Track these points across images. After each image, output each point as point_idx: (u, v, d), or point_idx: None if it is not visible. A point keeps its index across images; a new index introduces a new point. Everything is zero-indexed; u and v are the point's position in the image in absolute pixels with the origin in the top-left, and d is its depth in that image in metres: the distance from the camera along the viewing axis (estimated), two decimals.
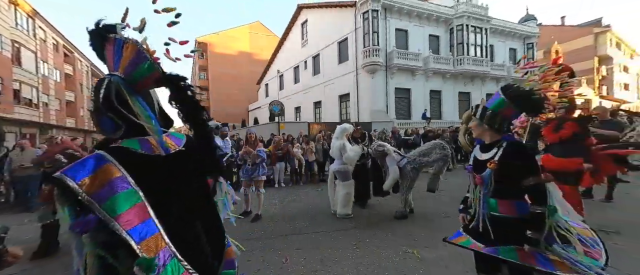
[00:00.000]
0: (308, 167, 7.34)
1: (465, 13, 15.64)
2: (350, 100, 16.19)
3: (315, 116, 19.82)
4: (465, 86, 16.63)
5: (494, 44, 17.74)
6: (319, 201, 4.94)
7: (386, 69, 14.61)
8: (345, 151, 3.78)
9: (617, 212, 3.57)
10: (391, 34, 14.84)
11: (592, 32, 26.82)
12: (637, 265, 2.22)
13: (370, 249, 2.75)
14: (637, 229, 2.96)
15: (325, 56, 18.20)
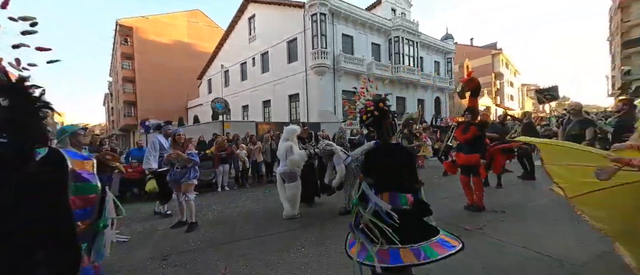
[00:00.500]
0: (255, 168, 7.04)
1: (401, 26, 17.63)
2: (299, 100, 16.28)
3: (265, 115, 19.20)
4: (401, 92, 18.73)
5: (423, 56, 20.51)
6: (265, 203, 4.78)
7: (334, 71, 15.24)
8: (291, 153, 3.77)
9: (505, 196, 4.57)
10: (338, 39, 15.55)
11: (490, 53, 33.88)
12: (516, 234, 2.88)
13: (316, 247, 2.80)
14: (517, 207, 3.85)
15: (275, 54, 17.83)
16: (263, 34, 18.63)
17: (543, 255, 2.39)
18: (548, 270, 2.16)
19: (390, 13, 19.15)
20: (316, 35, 14.45)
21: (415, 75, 18.60)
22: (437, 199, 4.56)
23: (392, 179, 1.58)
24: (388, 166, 1.60)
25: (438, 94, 21.78)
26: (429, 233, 1.47)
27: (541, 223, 3.18)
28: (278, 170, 4.01)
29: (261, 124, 12.93)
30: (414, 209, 1.51)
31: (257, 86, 19.39)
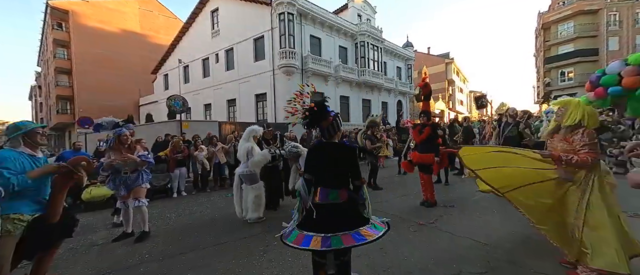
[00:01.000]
0: (217, 171, 6.63)
1: (366, 32, 18.40)
2: (267, 100, 15.86)
3: (229, 115, 18.27)
4: (367, 94, 19.53)
5: (387, 61, 21.71)
6: (228, 209, 4.53)
7: (302, 72, 15.21)
8: (252, 155, 3.63)
9: (452, 192, 5.07)
10: (306, 40, 15.58)
11: (444, 62, 37.38)
12: (462, 226, 3.20)
13: (279, 251, 2.73)
14: (463, 201, 4.29)
15: (241, 51, 17.09)
16: (227, 30, 17.72)
17: (483, 243, 2.70)
18: (486, 256, 2.44)
19: (357, 18, 19.86)
20: (284, 35, 14.26)
21: (379, 79, 19.56)
22: (396, 197, 4.85)
23: (326, 176, 1.74)
24: (324, 164, 1.76)
25: (400, 97, 23.25)
26: (356, 224, 1.63)
27: (482, 215, 3.59)
28: (237, 171, 3.84)
29: (225, 124, 12.25)
30: (345, 204, 1.67)
31: (221, 84, 18.36)
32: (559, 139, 2.07)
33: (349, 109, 18.33)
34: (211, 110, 19.50)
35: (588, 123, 1.93)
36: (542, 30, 28.03)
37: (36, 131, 1.94)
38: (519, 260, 2.32)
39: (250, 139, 3.77)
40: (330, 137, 1.81)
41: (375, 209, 3.98)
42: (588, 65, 24.68)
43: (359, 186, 1.78)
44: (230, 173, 6.96)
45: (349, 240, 1.53)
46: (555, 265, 2.18)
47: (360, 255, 2.54)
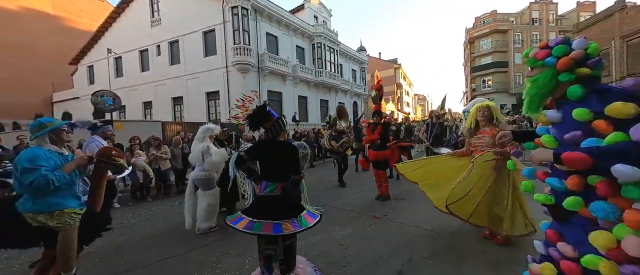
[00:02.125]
0: (161, 177, 5.85)
1: (322, 34, 18.80)
2: (220, 99, 14.79)
3: (175, 114, 16.44)
4: (325, 95, 19.97)
5: (343, 63, 22.58)
6: (174, 219, 4.03)
7: (258, 70, 14.65)
8: (208, 155, 3.31)
9: (402, 185, 5.50)
10: (262, 37, 15.07)
11: (393, 67, 40.77)
12: (411, 216, 3.51)
13: (236, 260, 2.55)
14: (412, 194, 4.69)
15: (188, 44, 15.54)
16: (171, 20, 15.90)
17: (428, 230, 3.00)
18: (431, 241, 2.72)
19: (313, 20, 20.11)
20: (237, 30, 13.50)
21: (336, 80, 20.20)
22: (353, 193, 5.05)
23: (268, 170, 1.95)
24: (267, 159, 1.97)
25: (355, 98, 24.44)
26: (291, 214, 1.85)
27: (427, 205, 3.96)
28: (191, 176, 3.45)
29: (170, 124, 10.97)
30: (281, 195, 1.87)
31: (165, 79, 16.38)
32: (487, 134, 2.48)
33: (308, 109, 18.44)
34: (152, 109, 17.23)
35: (501, 121, 2.51)
36: (469, 44, 33.06)
37: (62, 128, 1.95)
38: (458, 242, 2.66)
39: (206, 138, 3.43)
40: (273, 136, 2.00)
41: (335, 207, 4.10)
42: (501, 75, 30.27)
43: (298, 180, 1.97)
44: (177, 179, 6.25)
45: (268, 229, 1.74)
46: (481, 240, 2.59)
47: (320, 254, 2.55)
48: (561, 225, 1.18)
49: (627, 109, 0.91)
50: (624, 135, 0.90)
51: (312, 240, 2.85)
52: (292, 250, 1.91)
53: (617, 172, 0.87)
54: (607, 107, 0.95)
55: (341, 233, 3.06)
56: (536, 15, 30.32)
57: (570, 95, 1.08)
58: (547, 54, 1.14)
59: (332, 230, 3.13)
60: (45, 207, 1.73)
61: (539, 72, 1.17)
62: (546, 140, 1.18)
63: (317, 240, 2.87)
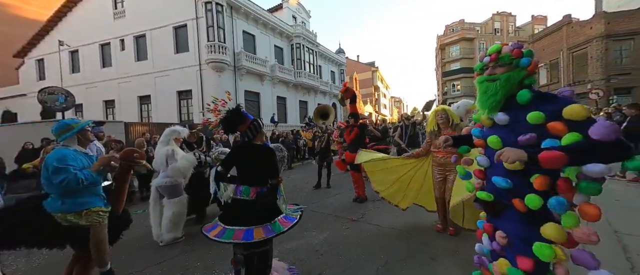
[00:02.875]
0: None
1: (301, 34, 18.68)
2: (193, 98, 13.99)
3: (142, 114, 15.26)
4: (304, 96, 19.85)
5: (322, 65, 22.64)
6: (138, 229, 3.66)
7: (235, 69, 14.12)
8: (173, 160, 3.04)
9: None
10: (239, 35, 14.56)
11: (370, 70, 41.86)
12: (386, 218, 3.54)
13: (204, 273, 2.35)
14: None
15: (156, 40, 14.50)
16: (137, 12, 14.74)
17: (403, 231, 3.05)
18: (406, 242, 2.75)
19: (292, 20, 19.92)
20: (212, 26, 12.89)
21: (315, 81, 20.19)
22: (331, 195, 5.01)
23: (244, 174, 1.92)
24: (244, 163, 1.93)
25: (335, 100, 24.64)
26: (264, 219, 1.79)
27: None
28: (155, 183, 3.14)
29: (135, 125, 10.11)
30: (255, 200, 1.83)
31: (130, 77, 15.13)
32: (448, 134, 2.59)
33: (287, 110, 18.19)
34: (115, 108, 15.82)
35: (458, 123, 2.73)
36: (440, 50, 35.07)
37: (86, 129, 1.97)
38: (431, 242, 2.72)
39: (171, 141, 3.14)
40: (250, 139, 1.95)
41: (313, 210, 4.02)
42: (468, 80, 32.50)
43: (276, 185, 1.93)
44: (141, 185, 5.74)
45: (238, 236, 1.69)
46: (453, 239, 2.69)
47: (295, 261, 2.45)
48: (495, 219, 1.26)
49: (584, 111, 0.98)
50: (579, 136, 0.96)
51: (288, 247, 2.74)
52: (266, 257, 1.84)
53: (590, 170, 0.93)
54: (565, 110, 1.00)
55: (318, 238, 2.99)
56: (498, 25, 33.10)
57: (520, 99, 1.12)
58: (521, 54, 1.15)
59: (308, 236, 3.05)
60: (74, 206, 1.77)
61: (506, 70, 1.16)
62: (494, 141, 1.20)
63: (293, 247, 2.77)
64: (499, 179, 1.17)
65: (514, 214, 1.16)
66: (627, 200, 3.77)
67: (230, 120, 1.95)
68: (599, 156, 0.92)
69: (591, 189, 0.99)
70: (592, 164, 0.92)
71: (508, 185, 1.14)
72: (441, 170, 2.77)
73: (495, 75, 1.18)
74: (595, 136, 0.91)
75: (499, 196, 1.21)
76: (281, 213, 1.90)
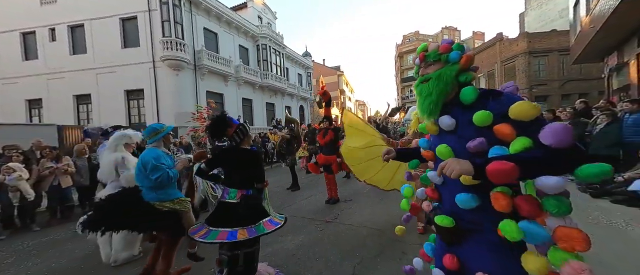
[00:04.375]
0: (59, 197, 4.49)
1: (267, 35, 18.33)
2: (144, 98, 12.60)
3: (79, 116, 13.20)
4: (270, 98, 19.45)
5: (289, 67, 22.51)
6: (78, 250, 3.15)
7: (195, 68, 13.16)
8: (124, 169, 2.69)
9: (350, 186, 5.81)
10: (199, 32, 13.64)
11: (336, 74, 43.04)
12: (359, 217, 3.68)
13: None
14: (358, 195, 4.98)
15: (99, 32, 12.73)
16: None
17: (375, 229, 3.21)
18: (379, 239, 2.91)
19: (257, 20, 19.41)
20: (168, 21, 11.83)
21: (282, 83, 19.95)
22: (305, 197, 5.02)
23: (229, 177, 1.98)
24: (231, 166, 1.99)
25: (302, 102, 24.67)
26: (250, 221, 1.83)
27: (372, 205, 4.28)
28: (102, 196, 2.73)
29: (72, 129, 8.68)
30: (240, 203, 1.86)
31: (63, 72, 12.98)
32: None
33: (253, 112, 17.59)
34: (42, 109, 13.39)
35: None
36: (399, 57, 37.87)
37: (170, 133, 2.25)
38: (401, 238, 2.90)
39: (121, 147, 2.77)
40: (237, 143, 1.99)
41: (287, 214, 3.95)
42: None
43: (261, 188, 2.02)
44: (82, 198, 4.94)
45: (223, 236, 1.73)
46: (414, 233, 2.92)
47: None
48: (457, 248, 1.02)
49: (533, 109, 0.84)
50: (530, 141, 0.82)
51: (265, 253, 2.66)
52: (252, 259, 1.86)
53: (544, 184, 0.79)
54: (512, 108, 0.86)
55: (294, 242, 2.96)
56: (446, 38, 37.16)
57: (464, 97, 0.97)
58: (449, 49, 1.02)
59: (284, 240, 3.00)
60: (167, 196, 2.08)
61: (437, 68, 1.03)
62: (443, 151, 1.02)
63: (270, 253, 2.70)
64: (465, 197, 0.95)
65: (482, 242, 0.95)
66: None
67: (217, 126, 2.02)
68: (553, 166, 0.77)
69: (562, 207, 0.80)
70: (546, 176, 0.78)
71: (477, 203, 0.93)
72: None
73: (427, 74, 1.06)
74: (547, 142, 0.76)
75: (461, 220, 1.00)
76: (267, 215, 1.95)
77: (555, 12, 20.10)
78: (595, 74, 14.48)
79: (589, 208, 3.46)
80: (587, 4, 9.11)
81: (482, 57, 22.33)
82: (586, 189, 4.23)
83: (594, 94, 14.72)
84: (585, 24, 9.20)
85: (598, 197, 3.87)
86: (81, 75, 12.82)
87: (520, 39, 18.54)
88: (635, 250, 2.38)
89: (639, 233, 2.72)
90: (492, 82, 21.10)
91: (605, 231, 2.81)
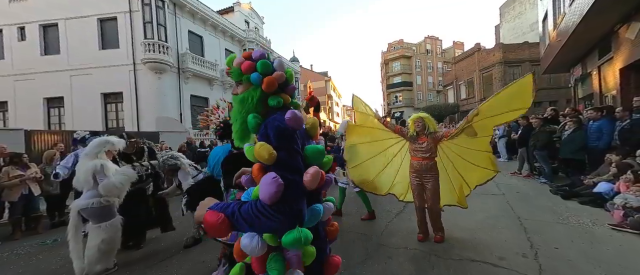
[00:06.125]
0: (24, 207, 4.12)
1: (254, 40, 18.24)
2: (123, 102, 12.05)
3: (49, 120, 12.39)
4: None
5: None
6: (45, 264, 2.90)
7: (179, 72, 12.80)
8: (103, 177, 2.53)
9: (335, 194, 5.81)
10: (183, 35, 13.33)
11: (324, 79, 43.43)
12: (346, 221, 3.68)
13: None
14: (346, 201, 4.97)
15: (74, 32, 12.11)
16: None
17: (361, 234, 3.22)
18: (364, 244, 2.92)
19: (244, 24, 19.30)
20: (150, 23, 11.48)
21: None
22: None
23: (227, 179, 2.00)
24: (236, 169, 2.02)
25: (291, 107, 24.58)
26: None
27: (358, 210, 4.28)
28: (75, 206, 2.52)
29: (40, 134, 8.09)
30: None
31: (32, 74, 12.18)
32: (424, 141, 2.77)
33: None
34: (7, 113, 12.44)
35: (431, 130, 2.79)
36: (384, 64, 38.93)
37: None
38: (386, 242, 2.95)
39: (101, 154, 2.61)
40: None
41: None
42: (408, 92, 36.87)
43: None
44: (50, 208, 4.58)
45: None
46: (402, 237, 2.96)
47: None
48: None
49: (263, 150, 0.74)
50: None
51: None
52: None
53: (243, 246, 0.77)
54: (247, 148, 0.81)
55: None
56: (429, 47, 38.73)
57: (250, 128, 0.85)
58: (253, 68, 0.88)
59: None
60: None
61: (244, 89, 0.91)
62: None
63: None
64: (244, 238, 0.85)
65: None
66: (524, 192, 4.82)
67: (228, 129, 2.12)
68: (254, 223, 0.68)
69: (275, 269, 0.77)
70: (246, 234, 0.75)
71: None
72: (417, 176, 2.81)
73: (234, 96, 0.94)
74: (261, 195, 0.68)
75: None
76: None
77: (526, 25, 21.59)
78: (563, 83, 15.63)
79: (559, 209, 3.69)
80: (554, 20, 9.89)
81: (463, 66, 23.44)
82: (557, 191, 4.51)
83: (562, 102, 15.84)
84: (552, 37, 9.97)
85: (568, 198, 4.13)
86: (53, 76, 12.07)
87: (496, 50, 19.70)
88: (599, 247, 2.55)
89: (603, 231, 2.93)
90: (472, 90, 22.16)
91: (575, 230, 3.00)
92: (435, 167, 2.77)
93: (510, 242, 2.77)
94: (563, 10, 8.46)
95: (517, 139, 6.79)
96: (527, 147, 6.10)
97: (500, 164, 8.04)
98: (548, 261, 2.34)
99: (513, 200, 4.24)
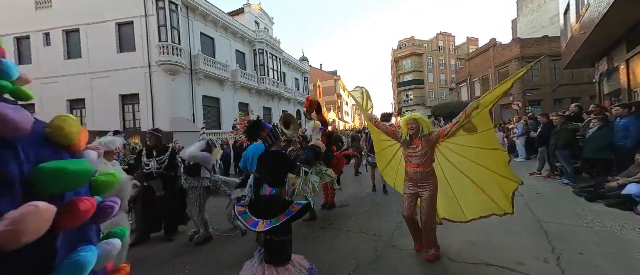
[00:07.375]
0: None
1: (264, 40, 18.42)
2: (140, 103, 12.51)
3: None
4: (268, 103, 19.44)
5: (286, 72, 22.59)
6: None
7: (192, 73, 13.14)
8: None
9: (346, 191, 5.77)
10: (196, 37, 13.66)
11: (333, 78, 43.29)
12: (354, 222, 3.64)
13: None
14: (354, 200, 4.93)
15: (94, 37, 12.69)
16: (68, 4, 12.74)
17: (372, 235, 3.16)
18: (375, 245, 2.86)
19: (254, 25, 19.53)
20: (165, 26, 11.84)
21: (279, 88, 19.98)
22: None
23: (265, 175, 2.24)
24: (265, 166, 2.27)
25: (299, 107, 24.69)
26: (277, 213, 2.08)
27: (368, 210, 4.24)
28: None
29: None
30: (269, 198, 2.16)
31: (57, 77, 12.88)
32: (418, 144, 2.42)
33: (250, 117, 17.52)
34: (35, 114, 13.01)
35: (425, 131, 2.46)
36: (395, 63, 38.27)
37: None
38: (397, 243, 2.88)
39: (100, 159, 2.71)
40: (270, 145, 2.34)
41: None
42: (419, 90, 36.06)
43: (298, 172, 2.41)
44: None
45: (283, 217, 2.04)
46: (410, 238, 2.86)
47: None
48: None
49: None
50: None
51: None
52: (284, 246, 2.10)
53: None
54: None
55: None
56: (441, 44, 37.69)
57: None
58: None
59: None
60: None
61: None
62: None
63: None
64: None
65: None
66: (545, 194, 4.58)
67: (252, 129, 2.40)
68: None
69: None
70: None
71: None
72: (412, 185, 2.45)
73: None
74: None
75: None
76: (285, 209, 2.11)
77: (546, 18, 20.59)
78: (587, 79, 14.77)
79: (584, 212, 3.47)
80: (577, 11, 9.35)
81: (477, 63, 22.65)
82: (581, 193, 4.25)
83: (586, 99, 14.99)
84: (575, 30, 9.42)
85: (593, 201, 3.88)
86: (75, 80, 12.72)
87: (513, 45, 18.88)
88: (629, 254, 2.38)
89: (632, 237, 2.73)
90: (487, 87, 21.38)
91: (600, 235, 2.81)
92: (433, 175, 2.41)
93: (529, 246, 2.63)
94: (587, 0, 7.97)
95: (537, 137, 6.47)
96: (547, 146, 5.80)
97: (519, 164, 7.71)
98: (572, 267, 2.20)
99: (532, 202, 4.03)
